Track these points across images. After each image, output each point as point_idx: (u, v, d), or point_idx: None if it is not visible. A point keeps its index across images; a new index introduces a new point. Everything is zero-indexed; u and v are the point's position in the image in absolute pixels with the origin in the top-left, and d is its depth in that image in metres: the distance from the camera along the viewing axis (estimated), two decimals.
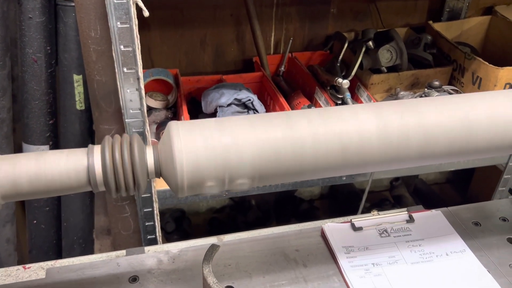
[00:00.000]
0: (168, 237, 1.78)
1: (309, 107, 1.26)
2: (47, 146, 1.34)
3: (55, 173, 0.56)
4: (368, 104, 0.67)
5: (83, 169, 0.57)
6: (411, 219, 0.98)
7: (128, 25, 0.86)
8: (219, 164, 0.59)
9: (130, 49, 0.89)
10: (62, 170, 0.57)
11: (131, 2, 0.82)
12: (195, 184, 0.60)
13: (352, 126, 0.62)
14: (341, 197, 2.04)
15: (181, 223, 1.86)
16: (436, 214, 1.01)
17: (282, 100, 1.29)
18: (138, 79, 0.92)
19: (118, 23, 0.85)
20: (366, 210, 1.69)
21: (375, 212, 1.03)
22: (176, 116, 1.40)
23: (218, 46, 1.60)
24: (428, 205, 1.05)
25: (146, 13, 0.83)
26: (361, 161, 0.62)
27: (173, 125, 0.61)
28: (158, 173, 0.61)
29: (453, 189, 2.25)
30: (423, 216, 1.00)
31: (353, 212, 1.87)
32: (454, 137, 0.65)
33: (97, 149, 0.58)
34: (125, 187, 0.58)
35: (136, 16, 0.85)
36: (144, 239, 1.23)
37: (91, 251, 1.52)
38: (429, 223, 0.98)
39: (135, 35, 0.87)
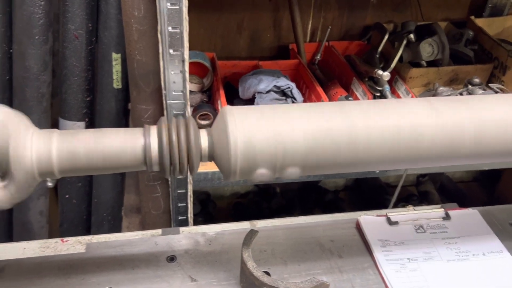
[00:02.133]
0: (193, 219, 1.80)
1: (346, 98, 1.25)
2: (83, 123, 1.36)
3: (112, 150, 0.57)
4: (422, 98, 0.66)
5: (139, 148, 0.58)
6: (447, 217, 0.97)
7: (178, 7, 0.85)
8: (272, 152, 0.59)
9: (178, 30, 0.89)
10: (119, 148, 0.57)
11: None
12: (247, 170, 0.60)
13: (407, 119, 0.62)
14: (366, 190, 2.03)
15: (206, 205, 1.87)
16: (472, 213, 1.00)
17: (319, 89, 1.28)
18: (183, 61, 0.92)
19: (168, 4, 0.85)
20: (393, 205, 1.69)
21: (411, 208, 1.02)
22: (210, 100, 1.40)
23: (255, 31, 1.59)
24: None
25: None
26: (414, 156, 0.62)
27: (228, 110, 0.61)
28: (211, 157, 0.61)
29: (480, 189, 2.22)
30: (459, 214, 0.99)
31: (379, 205, 1.86)
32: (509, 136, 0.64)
33: (153, 129, 0.59)
34: (179, 168, 0.59)
35: None
36: (175, 219, 1.25)
37: (119, 228, 1.55)
38: (466, 222, 0.97)
39: (184, 17, 0.87)
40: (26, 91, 1.25)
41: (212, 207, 1.90)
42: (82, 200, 1.47)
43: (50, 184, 0.58)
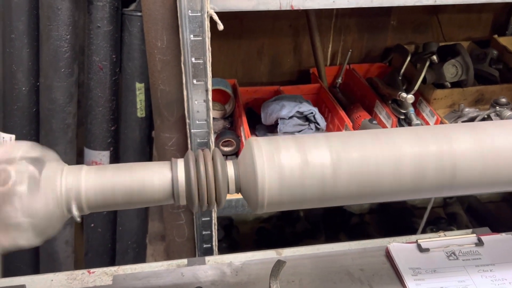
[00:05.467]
0: (217, 245, 1.79)
1: (370, 121, 1.24)
2: (107, 152, 1.37)
3: (141, 185, 0.57)
4: (464, 124, 0.65)
5: (167, 182, 0.57)
6: (480, 242, 0.94)
7: (201, 38, 0.86)
8: (299, 184, 0.59)
9: (201, 61, 0.90)
10: (147, 182, 0.57)
11: (205, 16, 0.83)
12: (276, 202, 0.59)
13: (452, 148, 0.61)
14: (392, 213, 1.99)
15: (230, 231, 1.86)
16: (506, 238, 0.96)
17: (342, 113, 1.27)
18: (207, 90, 0.93)
19: (191, 35, 0.86)
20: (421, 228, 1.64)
21: (442, 233, 0.99)
22: (233, 126, 1.40)
23: (275, 56, 1.60)
24: (483, 225, 1.01)
25: (220, 26, 0.83)
26: (463, 183, 0.61)
27: (254, 141, 0.61)
28: (238, 189, 0.61)
29: (510, 209, 2.16)
30: (492, 239, 0.96)
31: (406, 228, 1.82)
32: None
33: (180, 162, 0.59)
34: (207, 201, 0.58)
35: (209, 29, 0.86)
36: (200, 247, 1.24)
37: (144, 256, 1.55)
38: (500, 248, 0.94)
39: (207, 48, 0.88)
40: (52, 122, 1.27)
41: (235, 233, 1.88)
42: (107, 229, 1.48)
43: (78, 219, 0.58)
